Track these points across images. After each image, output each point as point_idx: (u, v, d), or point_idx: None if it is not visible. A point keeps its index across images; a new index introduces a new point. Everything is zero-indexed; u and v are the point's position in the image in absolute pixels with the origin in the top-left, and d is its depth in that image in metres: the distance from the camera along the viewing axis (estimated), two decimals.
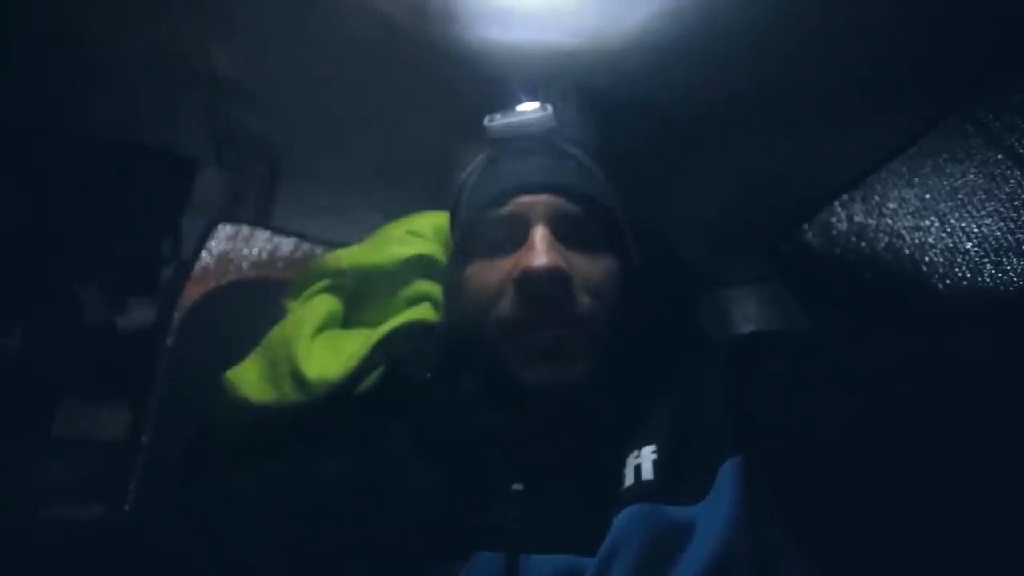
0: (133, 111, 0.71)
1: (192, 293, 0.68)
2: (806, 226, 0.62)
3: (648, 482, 0.41)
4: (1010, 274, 0.46)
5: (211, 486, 0.46)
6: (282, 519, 0.43)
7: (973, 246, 0.48)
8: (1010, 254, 0.46)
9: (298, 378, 0.51)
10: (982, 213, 0.48)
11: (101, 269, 0.70)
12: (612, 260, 0.50)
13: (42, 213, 0.67)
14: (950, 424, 0.32)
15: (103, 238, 0.70)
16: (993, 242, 0.47)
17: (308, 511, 0.44)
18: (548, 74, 0.61)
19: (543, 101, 0.53)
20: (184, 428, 0.61)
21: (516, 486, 0.44)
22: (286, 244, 0.76)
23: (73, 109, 0.69)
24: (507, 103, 0.54)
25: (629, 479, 0.42)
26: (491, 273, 0.49)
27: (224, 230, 0.72)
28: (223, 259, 0.71)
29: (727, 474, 0.40)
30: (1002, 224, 0.47)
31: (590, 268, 0.48)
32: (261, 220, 0.81)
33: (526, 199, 0.49)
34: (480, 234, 0.51)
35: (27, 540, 0.36)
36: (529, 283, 0.46)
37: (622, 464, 0.43)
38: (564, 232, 0.49)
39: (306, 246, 0.77)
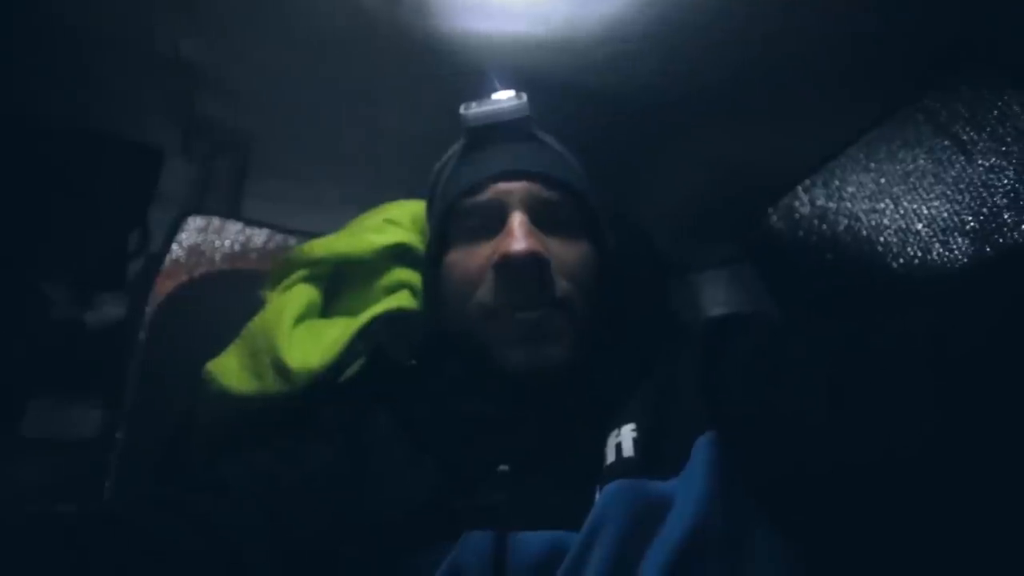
0: (97, 99, 0.68)
1: (163, 287, 0.66)
2: (771, 210, 0.65)
3: (629, 459, 0.42)
4: (955, 252, 0.49)
5: (197, 476, 0.45)
6: (270, 507, 0.43)
7: (923, 227, 0.52)
8: (955, 234, 0.49)
9: (280, 368, 0.51)
10: (931, 196, 0.51)
11: (67, 264, 0.67)
12: (588, 245, 0.52)
13: (5, 205, 0.64)
14: (907, 400, 0.34)
15: (68, 231, 0.68)
16: (940, 223, 0.50)
17: (295, 499, 0.44)
18: (520, 64, 0.61)
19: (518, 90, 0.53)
20: (159, 424, 0.60)
21: (502, 467, 0.45)
22: (258, 235, 0.74)
23: (35, 97, 0.66)
24: (482, 92, 0.54)
25: (611, 457, 0.43)
26: (470, 260, 0.50)
27: (194, 222, 0.70)
28: (194, 251, 0.69)
29: (701, 449, 0.42)
30: (948, 206, 0.50)
31: (567, 253, 0.50)
32: (231, 212, 0.79)
33: (503, 186, 0.50)
34: (458, 221, 0.52)
35: (12, 533, 0.35)
36: (508, 268, 0.47)
37: (603, 443, 0.45)
38: (541, 218, 0.50)
39: (279, 237, 0.76)
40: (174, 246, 0.68)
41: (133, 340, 0.64)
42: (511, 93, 0.53)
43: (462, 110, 0.53)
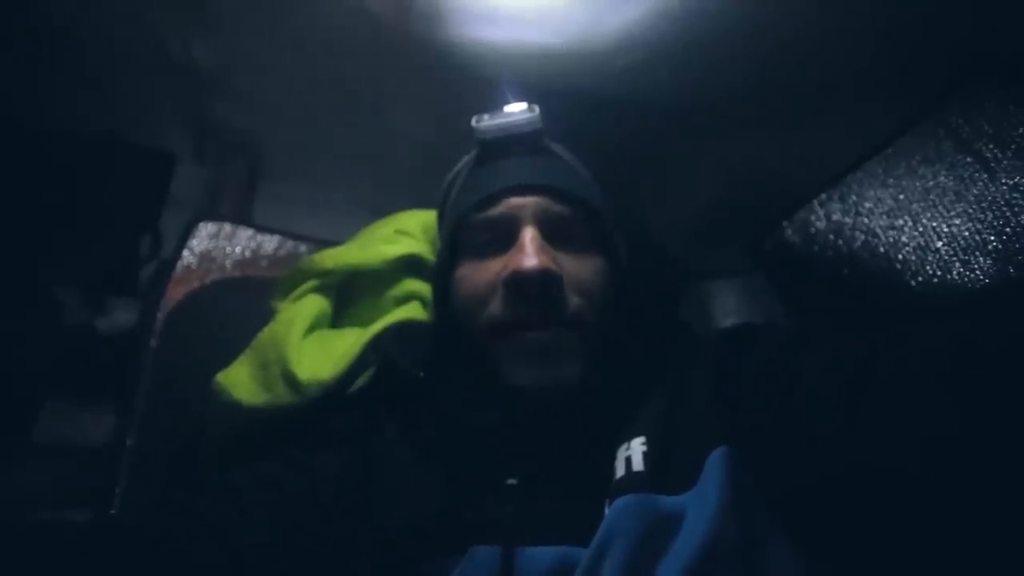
0: (109, 104, 0.69)
1: (175, 293, 0.67)
2: (786, 224, 0.64)
3: (639, 473, 0.42)
4: (977, 272, 0.48)
5: (208, 485, 0.46)
6: (278, 516, 0.43)
7: (943, 245, 0.51)
8: (977, 253, 0.48)
9: (290, 379, 0.51)
10: (952, 213, 0.50)
11: (79, 268, 0.68)
12: (600, 260, 0.51)
13: (17, 210, 0.64)
14: (923, 414, 0.34)
15: (80, 236, 0.68)
16: (962, 241, 0.49)
17: (304, 508, 0.44)
18: (534, 74, 0.61)
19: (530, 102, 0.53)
20: (170, 430, 0.61)
21: (510, 481, 0.45)
22: (269, 242, 0.75)
23: (48, 102, 0.67)
24: (494, 103, 0.54)
25: (620, 471, 0.43)
26: (481, 274, 0.50)
27: (206, 228, 0.70)
28: (206, 258, 0.70)
29: (714, 464, 0.42)
30: (970, 224, 0.49)
31: (579, 268, 0.49)
32: (242, 217, 0.80)
33: (515, 200, 0.50)
34: (469, 235, 0.51)
35: (24, 542, 0.36)
36: (519, 284, 0.47)
37: (613, 457, 0.44)
38: (553, 233, 0.49)
39: (290, 243, 0.76)
40: (186, 252, 0.69)
41: (144, 346, 0.64)
42: (523, 105, 0.53)
43: (474, 122, 0.53)
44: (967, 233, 0.49)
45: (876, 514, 0.37)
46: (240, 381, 0.53)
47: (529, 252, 0.47)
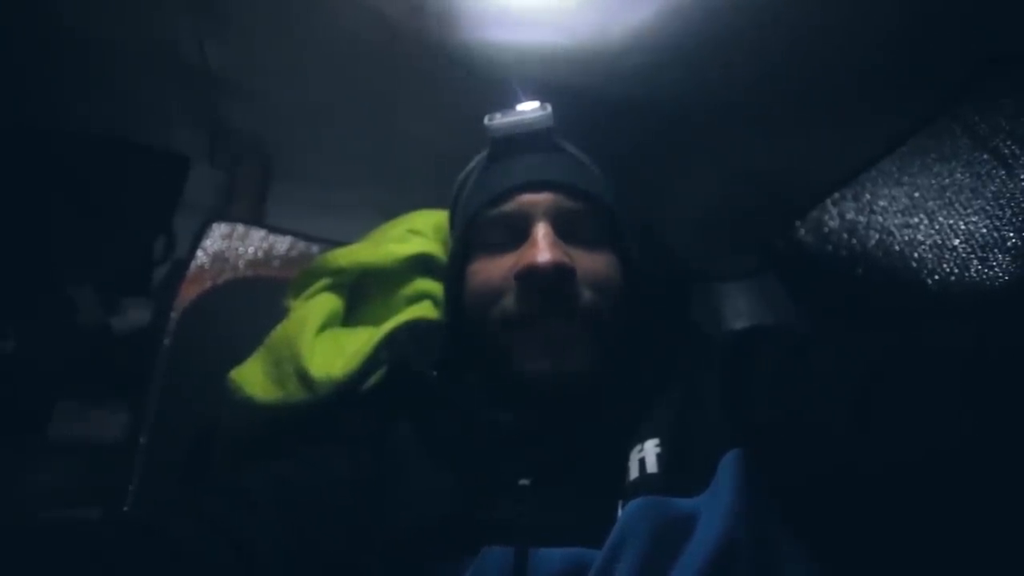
0: (125, 108, 0.70)
1: (188, 293, 0.67)
2: (799, 223, 0.64)
3: (652, 475, 0.42)
4: (996, 269, 0.48)
5: (220, 484, 0.46)
6: (291, 517, 0.43)
7: (960, 243, 0.50)
8: (995, 250, 0.48)
9: (303, 377, 0.51)
10: (969, 211, 0.50)
11: (94, 269, 0.69)
12: (612, 256, 0.51)
13: (33, 212, 0.66)
14: (938, 416, 0.33)
15: (95, 237, 0.69)
16: (979, 239, 0.49)
17: (317, 510, 0.44)
18: (545, 75, 0.61)
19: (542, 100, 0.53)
20: (183, 429, 0.61)
21: (523, 481, 0.44)
22: (281, 242, 0.75)
23: (64, 106, 0.68)
24: (506, 102, 0.54)
25: (634, 472, 0.43)
26: (493, 270, 0.50)
27: (219, 229, 0.71)
28: (219, 258, 0.70)
29: (727, 466, 0.41)
30: (988, 221, 0.48)
31: (592, 263, 0.49)
32: (254, 218, 0.80)
33: (528, 197, 0.50)
34: (482, 231, 0.52)
35: (37, 540, 0.36)
36: (532, 278, 0.47)
37: (626, 458, 0.44)
38: (565, 229, 0.49)
39: (301, 244, 0.77)
40: (199, 252, 0.69)
41: (158, 345, 0.65)
42: (535, 104, 0.53)
43: (486, 120, 0.53)
44: (985, 230, 0.49)
45: (888, 516, 0.37)
46: (253, 378, 0.53)
47: (542, 247, 0.47)
